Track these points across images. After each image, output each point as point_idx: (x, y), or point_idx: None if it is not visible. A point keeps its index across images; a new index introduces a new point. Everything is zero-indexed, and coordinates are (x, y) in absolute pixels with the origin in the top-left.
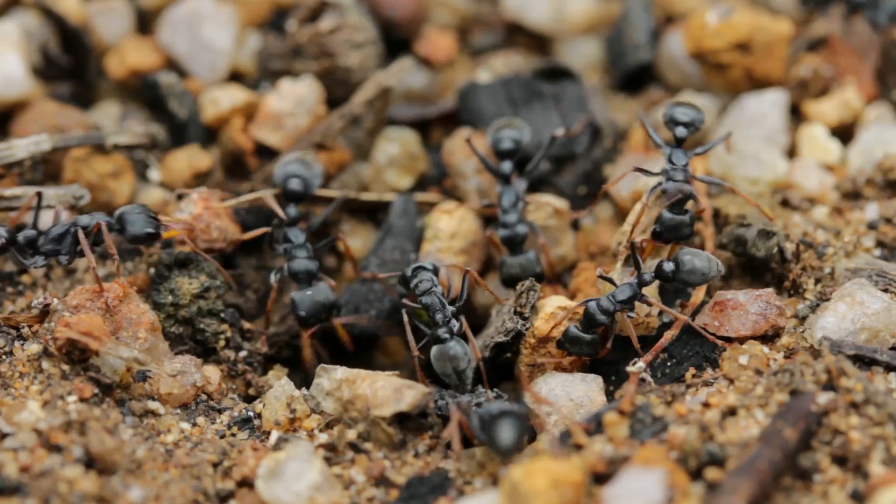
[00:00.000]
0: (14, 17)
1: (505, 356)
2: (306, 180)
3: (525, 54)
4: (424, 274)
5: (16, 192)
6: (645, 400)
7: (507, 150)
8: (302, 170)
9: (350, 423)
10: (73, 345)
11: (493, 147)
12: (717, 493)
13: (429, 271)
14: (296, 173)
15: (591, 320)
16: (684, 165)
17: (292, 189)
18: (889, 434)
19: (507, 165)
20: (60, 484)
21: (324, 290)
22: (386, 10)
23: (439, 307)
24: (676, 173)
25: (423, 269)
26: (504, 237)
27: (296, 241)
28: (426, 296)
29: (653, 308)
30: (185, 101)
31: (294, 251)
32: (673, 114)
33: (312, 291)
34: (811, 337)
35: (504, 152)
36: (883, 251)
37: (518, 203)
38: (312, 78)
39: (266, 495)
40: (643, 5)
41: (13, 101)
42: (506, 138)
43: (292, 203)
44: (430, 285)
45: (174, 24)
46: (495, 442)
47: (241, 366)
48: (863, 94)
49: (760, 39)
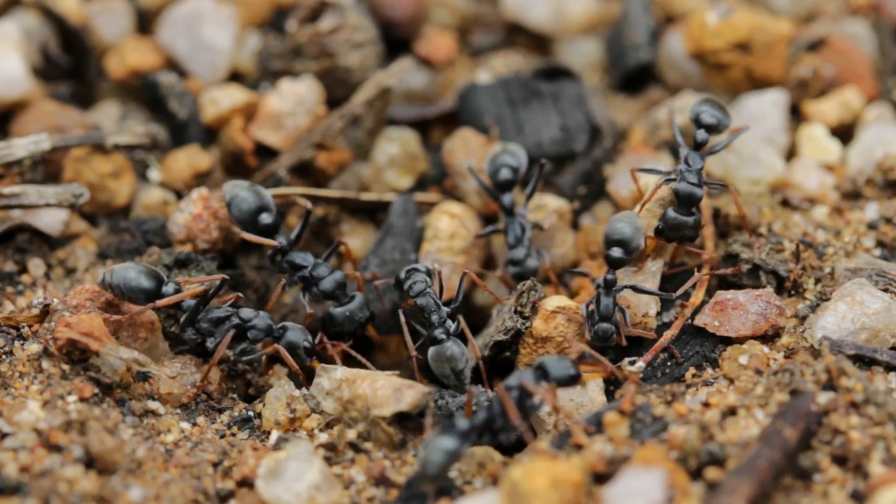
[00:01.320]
0: (14, 17)
1: (504, 355)
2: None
3: (525, 54)
4: (418, 276)
5: (15, 191)
6: (645, 400)
7: (505, 180)
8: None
9: (350, 423)
10: (73, 345)
11: (491, 178)
12: (717, 493)
13: (422, 273)
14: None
15: (689, 198)
16: (699, 169)
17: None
18: (889, 434)
19: (508, 198)
20: (60, 484)
21: (361, 304)
22: (386, 10)
23: (434, 308)
24: (690, 175)
25: (417, 270)
26: (514, 274)
27: (307, 262)
28: (420, 297)
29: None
30: (185, 101)
31: (313, 272)
32: (699, 113)
33: (352, 307)
34: (811, 337)
35: (503, 183)
36: (883, 251)
37: (524, 235)
38: (312, 78)
39: (266, 495)
40: (643, 5)
41: (13, 100)
42: (503, 168)
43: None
44: (424, 287)
45: (174, 24)
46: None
47: (241, 366)
48: (863, 94)
49: (760, 39)
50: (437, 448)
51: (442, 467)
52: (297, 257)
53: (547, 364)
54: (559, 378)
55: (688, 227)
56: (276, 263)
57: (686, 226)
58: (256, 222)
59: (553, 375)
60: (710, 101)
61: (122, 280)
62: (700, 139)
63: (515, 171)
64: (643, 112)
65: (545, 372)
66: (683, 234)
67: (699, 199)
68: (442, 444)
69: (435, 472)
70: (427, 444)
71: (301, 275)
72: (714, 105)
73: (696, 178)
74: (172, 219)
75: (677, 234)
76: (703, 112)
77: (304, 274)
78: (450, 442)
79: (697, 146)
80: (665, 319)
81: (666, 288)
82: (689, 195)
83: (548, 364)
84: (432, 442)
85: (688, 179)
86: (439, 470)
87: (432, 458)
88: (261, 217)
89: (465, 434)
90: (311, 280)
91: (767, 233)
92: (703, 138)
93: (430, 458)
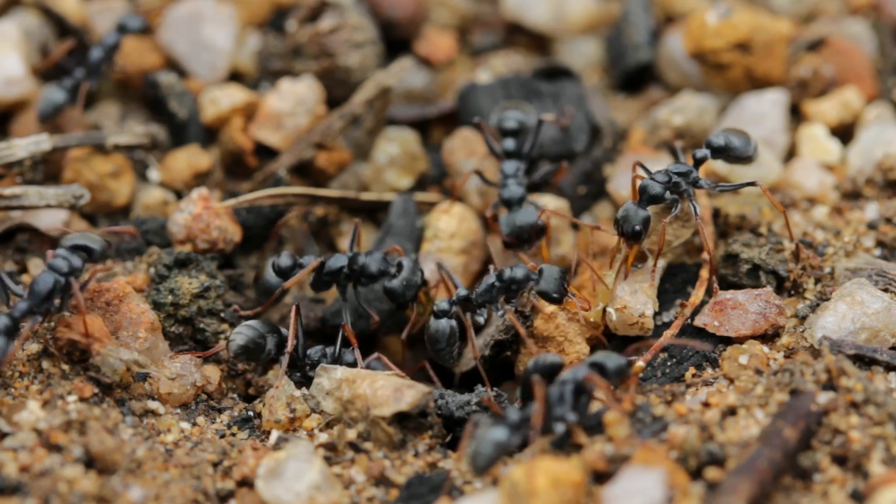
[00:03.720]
0: (14, 17)
1: (505, 354)
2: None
3: (525, 54)
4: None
5: (16, 192)
6: (645, 399)
7: (510, 129)
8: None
9: (350, 423)
10: (73, 345)
11: (497, 126)
12: (717, 493)
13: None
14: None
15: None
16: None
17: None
18: (889, 434)
19: (509, 143)
20: (60, 484)
21: (412, 268)
22: (386, 10)
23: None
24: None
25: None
26: (504, 198)
27: (336, 264)
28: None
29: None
30: (185, 101)
31: (354, 265)
32: (710, 139)
33: (405, 275)
34: (811, 336)
35: (507, 131)
36: (883, 251)
37: (519, 172)
38: (312, 78)
39: (266, 495)
40: (643, 5)
41: (13, 101)
42: (510, 118)
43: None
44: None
45: (174, 24)
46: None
47: (241, 365)
48: (863, 94)
49: (760, 39)
50: (487, 440)
51: (491, 460)
52: (332, 263)
53: (601, 360)
54: (615, 371)
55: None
56: (321, 284)
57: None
58: (282, 270)
59: (610, 369)
60: (732, 130)
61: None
62: (699, 157)
63: (521, 123)
64: (643, 112)
65: (601, 367)
66: (625, 228)
67: (653, 194)
68: (492, 436)
69: (484, 464)
70: (477, 436)
71: (344, 275)
72: (734, 132)
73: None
74: (172, 219)
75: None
76: (717, 137)
77: (346, 272)
78: (500, 433)
79: (697, 163)
80: (666, 319)
81: (667, 288)
82: (643, 188)
83: (602, 360)
84: (482, 434)
85: (656, 178)
86: (488, 463)
87: (482, 450)
88: (280, 261)
89: (515, 426)
90: (358, 272)
91: (767, 233)
92: (701, 156)
93: (479, 451)
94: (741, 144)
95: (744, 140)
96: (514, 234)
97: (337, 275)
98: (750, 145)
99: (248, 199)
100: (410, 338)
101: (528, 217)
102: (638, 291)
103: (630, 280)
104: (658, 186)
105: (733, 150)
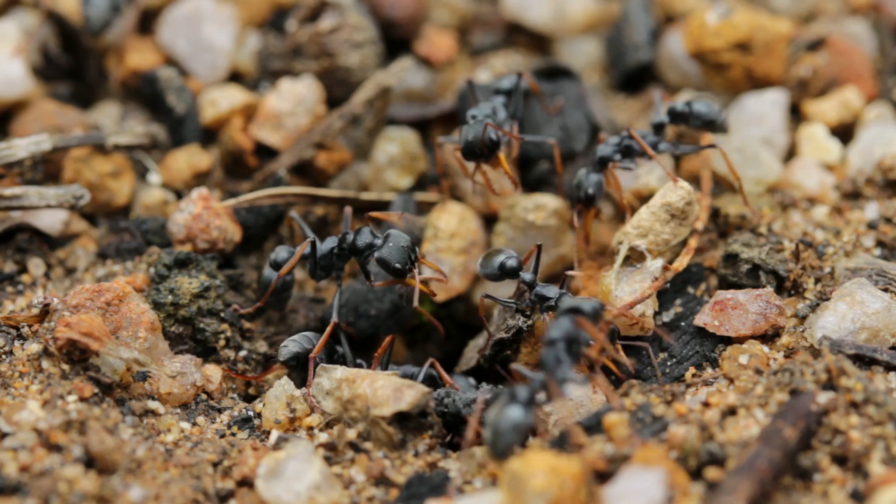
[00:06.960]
0: (14, 17)
1: (506, 353)
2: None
3: (525, 54)
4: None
5: (16, 192)
6: (645, 399)
7: (504, 89)
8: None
9: (350, 423)
10: (73, 345)
11: (493, 87)
12: (717, 493)
13: None
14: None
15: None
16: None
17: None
18: (889, 434)
19: (498, 99)
20: (60, 483)
21: (396, 234)
22: (386, 9)
23: None
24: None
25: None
26: (470, 114)
27: (327, 246)
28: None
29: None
30: (184, 96)
31: (347, 241)
32: (672, 104)
33: (391, 242)
34: (811, 336)
35: (499, 90)
36: (883, 251)
37: (496, 112)
38: (312, 78)
39: (266, 495)
40: (643, 5)
41: (13, 100)
42: (506, 78)
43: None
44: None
45: (174, 23)
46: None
47: (241, 365)
48: (863, 93)
49: (760, 39)
50: (505, 423)
51: (511, 444)
52: (323, 246)
53: (577, 304)
54: (592, 312)
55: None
56: (317, 270)
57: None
58: (279, 265)
59: (587, 311)
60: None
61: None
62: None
63: (517, 83)
64: (643, 112)
65: (579, 310)
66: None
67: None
68: (509, 418)
69: (505, 449)
70: (495, 419)
71: (335, 255)
72: None
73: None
74: (172, 219)
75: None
76: None
77: (337, 252)
78: (516, 413)
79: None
80: (666, 319)
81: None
82: (593, 151)
83: (577, 304)
84: (500, 416)
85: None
86: (508, 447)
87: (503, 435)
88: (277, 255)
89: (528, 401)
90: (348, 250)
91: (767, 233)
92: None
93: (500, 436)
94: (704, 110)
95: (707, 105)
96: (466, 148)
97: (330, 257)
98: (713, 110)
99: (248, 198)
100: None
101: (478, 131)
102: (637, 291)
103: (630, 280)
104: (608, 149)
105: (698, 117)
